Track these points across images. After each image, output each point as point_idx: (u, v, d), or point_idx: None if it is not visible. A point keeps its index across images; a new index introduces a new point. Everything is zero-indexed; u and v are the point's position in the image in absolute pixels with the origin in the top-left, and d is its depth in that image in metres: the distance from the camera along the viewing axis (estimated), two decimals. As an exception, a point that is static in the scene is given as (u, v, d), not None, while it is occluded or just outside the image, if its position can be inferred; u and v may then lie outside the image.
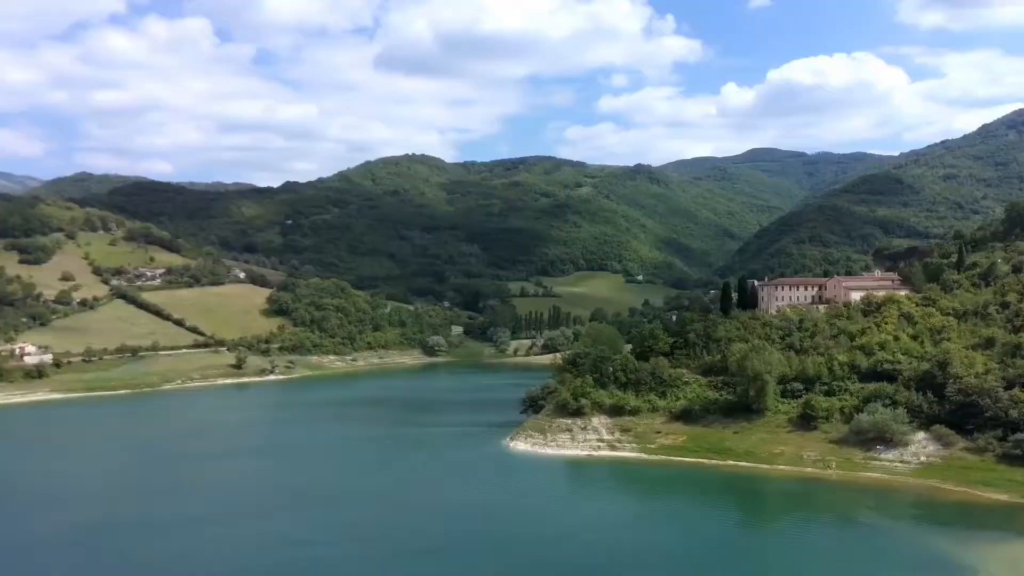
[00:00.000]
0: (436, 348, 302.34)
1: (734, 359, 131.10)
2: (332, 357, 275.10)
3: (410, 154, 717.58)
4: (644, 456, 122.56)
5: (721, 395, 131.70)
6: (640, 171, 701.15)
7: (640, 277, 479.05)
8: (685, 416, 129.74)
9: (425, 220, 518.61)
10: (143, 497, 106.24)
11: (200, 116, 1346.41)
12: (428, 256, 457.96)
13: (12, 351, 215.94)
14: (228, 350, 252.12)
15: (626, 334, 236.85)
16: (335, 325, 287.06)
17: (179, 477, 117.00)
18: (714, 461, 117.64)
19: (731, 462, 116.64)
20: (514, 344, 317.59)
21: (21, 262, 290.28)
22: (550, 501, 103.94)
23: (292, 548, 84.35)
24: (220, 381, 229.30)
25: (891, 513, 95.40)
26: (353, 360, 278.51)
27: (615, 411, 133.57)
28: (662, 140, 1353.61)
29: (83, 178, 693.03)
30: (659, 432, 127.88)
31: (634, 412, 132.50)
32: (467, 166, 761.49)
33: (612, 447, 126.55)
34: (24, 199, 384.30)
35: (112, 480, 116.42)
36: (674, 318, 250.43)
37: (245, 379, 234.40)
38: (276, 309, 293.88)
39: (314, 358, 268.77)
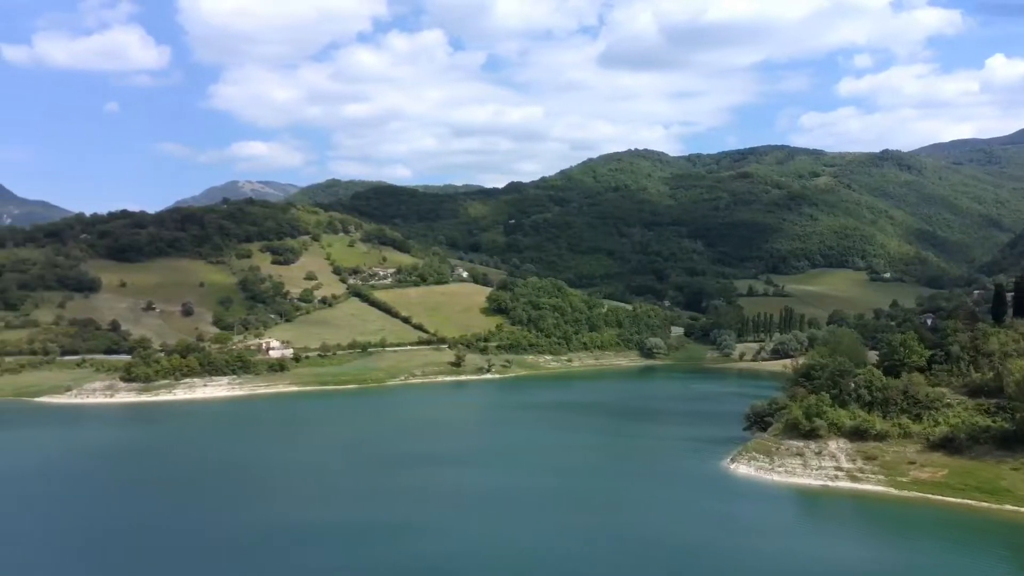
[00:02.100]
0: (654, 350, 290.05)
1: (1013, 379, 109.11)
2: (547, 357, 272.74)
3: (632, 149, 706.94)
4: (893, 491, 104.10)
5: (995, 422, 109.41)
6: (887, 157, 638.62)
7: (887, 274, 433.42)
8: (946, 445, 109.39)
9: (646, 216, 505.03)
10: (346, 500, 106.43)
11: (435, 123, 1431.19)
12: (648, 253, 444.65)
13: (260, 345, 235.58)
14: (449, 348, 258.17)
15: (870, 339, 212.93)
16: (551, 324, 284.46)
17: (384, 481, 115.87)
18: (986, 504, 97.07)
19: (1009, 507, 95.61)
20: (739, 348, 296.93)
21: (273, 263, 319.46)
22: (779, 542, 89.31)
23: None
24: (440, 378, 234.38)
25: None
26: (568, 360, 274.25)
27: (857, 435, 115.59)
28: (912, 123, 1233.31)
29: (332, 184, 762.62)
30: (913, 463, 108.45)
31: (880, 437, 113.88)
32: (692, 159, 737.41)
33: (852, 478, 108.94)
34: (279, 205, 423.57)
35: (321, 479, 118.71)
36: (929, 323, 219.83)
37: (463, 377, 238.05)
38: (495, 308, 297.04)
39: (530, 357, 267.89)
